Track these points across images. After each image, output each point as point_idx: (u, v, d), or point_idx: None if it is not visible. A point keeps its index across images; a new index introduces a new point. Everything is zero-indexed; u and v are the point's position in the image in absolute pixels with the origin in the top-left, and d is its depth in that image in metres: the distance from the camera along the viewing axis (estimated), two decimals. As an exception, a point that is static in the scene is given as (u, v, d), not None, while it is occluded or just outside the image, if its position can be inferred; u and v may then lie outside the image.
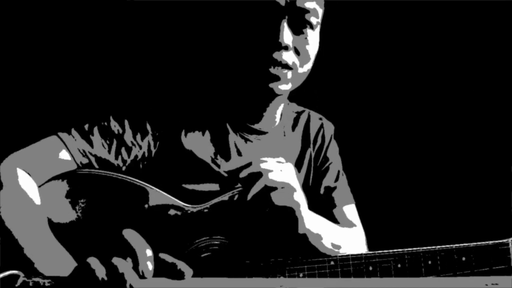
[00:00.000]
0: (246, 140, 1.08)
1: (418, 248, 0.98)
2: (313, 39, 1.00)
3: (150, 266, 0.80)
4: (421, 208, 1.56)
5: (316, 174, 1.18)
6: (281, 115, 1.13)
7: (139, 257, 0.80)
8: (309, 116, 1.21)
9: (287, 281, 0.80)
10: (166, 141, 1.02)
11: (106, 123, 1.00)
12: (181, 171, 1.01)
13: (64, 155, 0.96)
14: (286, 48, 0.95)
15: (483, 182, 1.53)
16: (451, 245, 0.98)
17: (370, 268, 0.96)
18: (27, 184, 0.92)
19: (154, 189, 0.97)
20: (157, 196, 0.96)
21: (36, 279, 0.80)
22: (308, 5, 0.96)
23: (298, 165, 1.15)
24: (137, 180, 0.97)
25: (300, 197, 0.91)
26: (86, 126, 0.99)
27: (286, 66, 0.96)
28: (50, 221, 0.92)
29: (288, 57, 0.95)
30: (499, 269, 0.97)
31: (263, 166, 0.88)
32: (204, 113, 1.06)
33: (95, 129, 0.99)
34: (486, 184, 1.52)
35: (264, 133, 1.10)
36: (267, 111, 1.08)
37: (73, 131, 0.98)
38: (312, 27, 0.98)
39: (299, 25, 0.97)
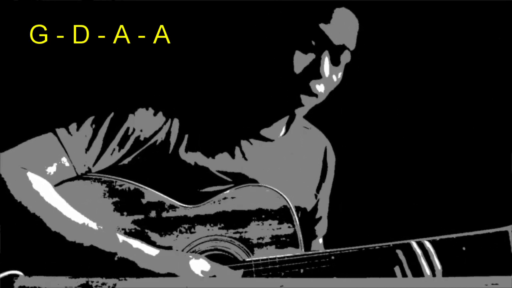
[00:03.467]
0: (251, 143, 1.07)
1: (420, 239, 0.99)
2: (340, 72, 1.03)
3: None
4: (421, 197, 1.57)
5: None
6: (289, 127, 1.13)
7: None
8: (315, 132, 1.22)
9: (287, 281, 0.80)
10: (167, 141, 1.00)
11: (105, 121, 0.97)
12: (181, 172, 1.00)
13: (60, 153, 0.94)
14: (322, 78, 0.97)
15: (483, 171, 1.54)
16: (452, 235, 0.99)
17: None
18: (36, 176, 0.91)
19: (151, 190, 0.97)
20: (154, 197, 0.97)
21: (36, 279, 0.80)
22: (350, 44, 0.99)
23: (306, 175, 1.17)
24: (136, 183, 0.97)
25: None
26: (84, 123, 0.97)
27: (315, 95, 0.99)
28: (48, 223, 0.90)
29: (320, 87, 0.98)
30: (499, 264, 0.98)
31: None
32: (211, 114, 1.05)
33: (92, 126, 0.97)
34: (486, 172, 1.53)
35: (269, 140, 1.09)
36: (278, 121, 1.09)
37: (70, 127, 0.95)
38: (342, 65, 1.02)
39: (336, 60, 1.00)
